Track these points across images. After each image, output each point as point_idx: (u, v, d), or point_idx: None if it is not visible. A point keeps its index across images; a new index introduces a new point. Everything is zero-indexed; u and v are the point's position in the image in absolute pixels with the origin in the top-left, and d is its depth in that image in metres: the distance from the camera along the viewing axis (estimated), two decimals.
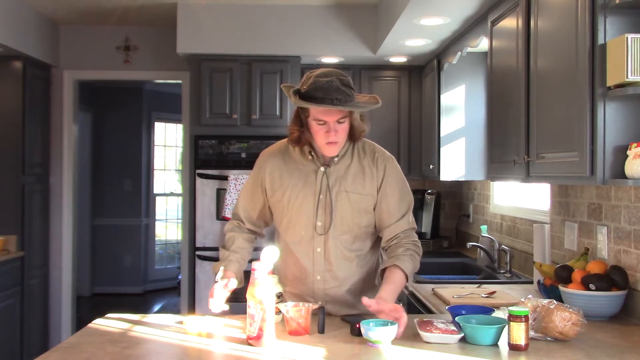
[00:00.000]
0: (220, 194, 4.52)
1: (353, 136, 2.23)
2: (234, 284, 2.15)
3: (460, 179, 4.34)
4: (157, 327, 2.13)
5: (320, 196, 2.22)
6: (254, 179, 2.33)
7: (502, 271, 3.52)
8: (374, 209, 2.25)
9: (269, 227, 2.42)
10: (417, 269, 2.24)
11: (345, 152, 2.24)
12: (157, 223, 8.54)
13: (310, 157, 2.24)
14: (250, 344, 1.89)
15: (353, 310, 2.27)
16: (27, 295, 4.80)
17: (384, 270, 2.18)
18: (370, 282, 2.32)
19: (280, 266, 2.32)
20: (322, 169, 2.23)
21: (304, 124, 2.19)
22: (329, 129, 2.13)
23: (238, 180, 4.42)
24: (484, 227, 3.98)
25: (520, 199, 3.76)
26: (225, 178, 4.51)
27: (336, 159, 2.23)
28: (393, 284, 2.10)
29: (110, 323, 2.18)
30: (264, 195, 2.30)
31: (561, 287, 2.38)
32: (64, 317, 5.30)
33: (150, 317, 2.25)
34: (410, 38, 4.07)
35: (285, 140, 2.32)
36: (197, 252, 4.52)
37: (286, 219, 2.27)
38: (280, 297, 2.19)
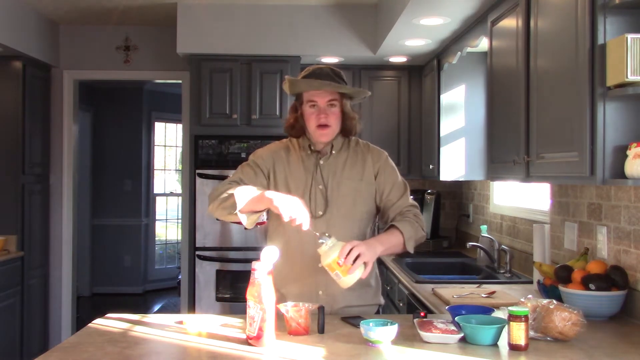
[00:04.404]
0: None
1: (345, 128, 2.33)
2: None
3: (460, 179, 4.34)
4: (157, 327, 2.13)
5: (320, 186, 2.31)
6: (254, 166, 2.38)
7: (502, 271, 3.52)
8: (375, 197, 2.36)
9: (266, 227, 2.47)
10: (421, 237, 2.32)
11: (340, 147, 2.36)
12: (157, 223, 8.55)
13: (309, 151, 2.35)
14: (250, 344, 1.89)
15: (355, 297, 2.31)
16: (27, 295, 4.80)
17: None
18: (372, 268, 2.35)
19: (282, 264, 2.33)
20: (321, 161, 2.34)
21: (298, 110, 2.32)
22: (319, 112, 2.25)
23: None
24: (483, 227, 3.98)
25: (520, 199, 3.76)
26: (225, 178, 4.48)
27: (334, 152, 2.34)
28: (380, 236, 2.22)
29: (110, 323, 2.18)
30: (267, 181, 2.36)
31: (561, 287, 2.38)
32: (64, 317, 5.30)
33: (150, 317, 2.25)
34: (410, 38, 4.07)
35: (282, 141, 2.44)
36: (197, 252, 4.52)
37: None
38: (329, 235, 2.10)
